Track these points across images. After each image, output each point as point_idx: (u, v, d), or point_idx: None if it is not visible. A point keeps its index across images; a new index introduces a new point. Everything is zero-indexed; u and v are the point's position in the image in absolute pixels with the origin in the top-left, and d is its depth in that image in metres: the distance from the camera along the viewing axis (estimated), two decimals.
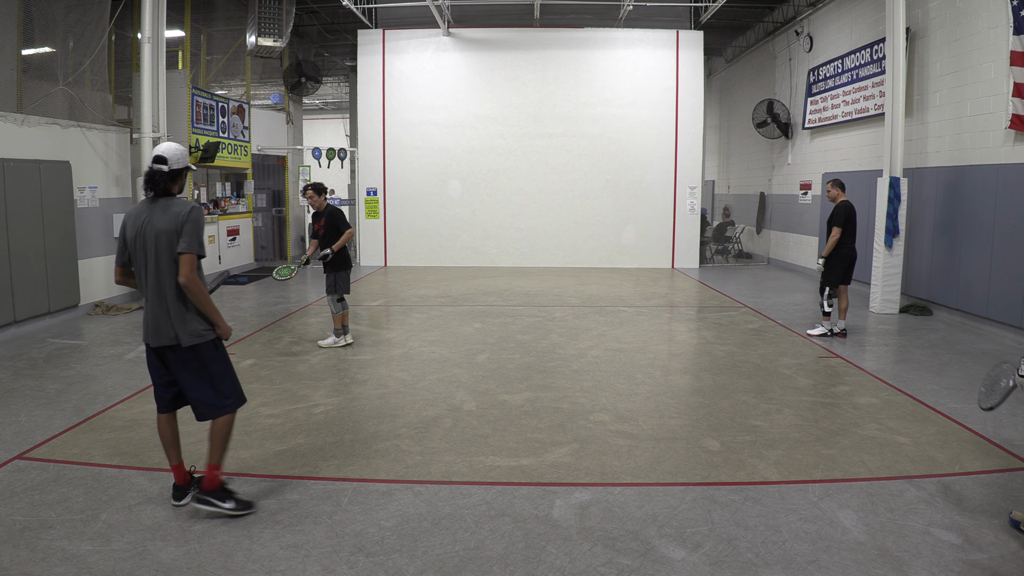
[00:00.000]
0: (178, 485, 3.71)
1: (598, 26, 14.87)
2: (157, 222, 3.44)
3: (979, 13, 8.39)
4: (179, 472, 3.71)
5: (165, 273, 3.46)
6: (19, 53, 9.05)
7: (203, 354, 3.55)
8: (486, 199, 14.98)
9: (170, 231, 3.43)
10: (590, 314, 9.41)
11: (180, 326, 3.47)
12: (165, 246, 3.43)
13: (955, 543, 3.35)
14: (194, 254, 3.44)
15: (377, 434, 4.83)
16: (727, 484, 4.03)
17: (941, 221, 9.30)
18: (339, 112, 25.66)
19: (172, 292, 3.46)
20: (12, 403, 5.47)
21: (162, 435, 3.68)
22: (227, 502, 3.59)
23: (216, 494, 3.59)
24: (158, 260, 3.44)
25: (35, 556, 3.22)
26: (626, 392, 5.84)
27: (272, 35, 12.20)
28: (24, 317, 8.17)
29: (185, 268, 3.41)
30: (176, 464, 3.71)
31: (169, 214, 3.46)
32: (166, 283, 3.46)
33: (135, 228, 3.49)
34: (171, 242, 3.43)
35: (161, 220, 3.44)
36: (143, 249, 3.47)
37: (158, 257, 3.44)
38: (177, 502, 3.70)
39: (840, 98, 12.14)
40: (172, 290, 3.46)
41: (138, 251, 3.49)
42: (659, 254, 14.97)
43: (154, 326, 3.49)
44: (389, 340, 7.96)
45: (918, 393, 5.80)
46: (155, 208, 3.48)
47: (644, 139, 14.74)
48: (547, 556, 3.25)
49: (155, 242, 3.43)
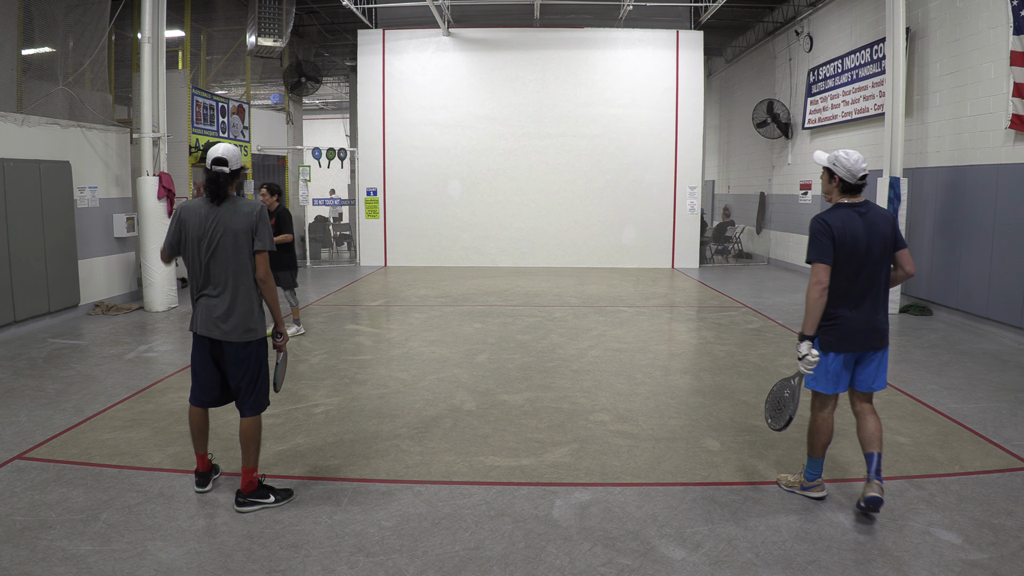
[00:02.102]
0: (202, 472, 3.85)
1: (598, 26, 14.87)
2: (230, 222, 3.58)
3: (979, 13, 8.39)
4: (203, 461, 3.85)
5: (241, 269, 3.60)
6: (19, 53, 9.05)
7: (261, 351, 3.73)
8: (486, 199, 14.98)
9: (246, 230, 3.59)
10: (590, 314, 9.41)
11: (247, 322, 3.62)
12: (244, 244, 3.60)
13: (955, 543, 3.35)
14: (268, 251, 3.68)
15: (377, 434, 4.83)
16: (727, 484, 4.03)
17: (941, 221, 9.30)
18: (339, 112, 25.66)
19: (246, 288, 3.62)
20: (12, 403, 5.47)
21: (195, 425, 3.79)
22: (269, 497, 3.72)
23: (257, 494, 3.71)
24: (233, 258, 3.59)
25: (35, 556, 3.21)
26: (626, 392, 5.84)
27: (272, 35, 12.20)
28: (24, 317, 8.17)
29: (264, 265, 3.65)
30: (202, 454, 3.84)
31: (241, 214, 3.61)
32: (240, 279, 3.61)
33: (201, 228, 3.58)
34: (248, 241, 3.60)
35: (234, 220, 3.58)
36: (211, 247, 3.58)
37: (233, 255, 3.58)
38: (201, 488, 3.85)
39: (840, 98, 12.14)
40: (246, 286, 3.62)
41: (203, 250, 3.59)
42: (659, 254, 14.97)
43: (221, 319, 3.59)
44: (389, 340, 7.96)
45: (918, 393, 5.79)
46: (222, 209, 3.60)
47: (644, 139, 14.74)
48: (547, 556, 3.25)
49: (232, 241, 3.57)
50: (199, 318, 3.64)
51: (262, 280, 3.65)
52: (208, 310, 3.61)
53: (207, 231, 3.57)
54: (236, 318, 3.60)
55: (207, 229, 3.57)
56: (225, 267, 3.59)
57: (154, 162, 9.61)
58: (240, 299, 3.61)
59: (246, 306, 3.62)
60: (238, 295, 3.60)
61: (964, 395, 5.75)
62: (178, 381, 6.08)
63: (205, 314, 3.62)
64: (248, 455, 3.70)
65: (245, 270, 3.62)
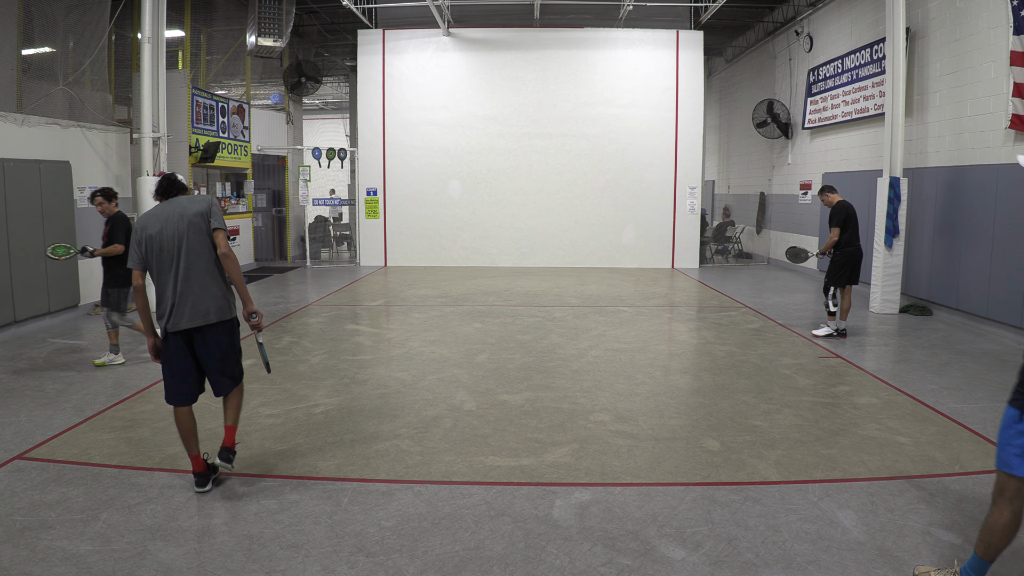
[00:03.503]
0: (201, 473, 3.89)
1: (598, 26, 14.87)
2: (185, 210, 3.78)
3: (979, 13, 8.39)
4: (198, 461, 3.90)
5: (202, 253, 3.77)
6: (19, 53, 9.05)
7: (233, 328, 3.95)
8: (486, 199, 14.98)
9: (202, 212, 3.80)
10: (590, 314, 9.41)
11: (219, 300, 3.82)
12: (200, 226, 3.77)
13: (955, 543, 3.35)
14: (224, 230, 3.87)
15: (377, 434, 4.83)
16: (727, 484, 4.03)
17: (941, 221, 9.30)
18: (339, 112, 25.66)
19: (212, 269, 3.81)
20: (12, 403, 5.47)
21: (184, 427, 3.88)
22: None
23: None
24: (191, 243, 3.75)
25: (35, 556, 3.21)
26: (626, 392, 5.84)
27: (272, 35, 12.20)
28: (24, 317, 8.17)
29: (222, 241, 3.81)
30: (195, 454, 3.90)
31: (194, 201, 3.85)
32: (204, 262, 3.78)
33: (159, 223, 3.76)
34: (205, 222, 3.79)
35: (190, 207, 3.81)
36: (173, 239, 3.74)
37: (191, 240, 3.75)
38: (201, 488, 3.88)
39: (840, 98, 12.14)
40: (210, 267, 3.80)
41: (165, 243, 3.74)
42: (659, 254, 14.97)
43: (191, 308, 3.75)
44: (389, 340, 7.96)
45: (918, 393, 5.79)
46: (175, 203, 3.84)
47: (644, 139, 14.74)
48: (547, 556, 3.25)
49: (188, 227, 3.74)
50: (185, 312, 3.76)
51: (224, 255, 3.79)
52: (192, 301, 3.77)
53: (165, 225, 3.76)
54: (212, 300, 3.80)
55: (165, 223, 3.76)
56: (189, 252, 3.76)
57: (154, 162, 9.60)
58: (209, 279, 3.80)
59: (220, 286, 3.84)
60: (204, 276, 3.79)
61: (964, 395, 5.75)
62: None
63: (190, 307, 3.76)
64: (234, 416, 4.00)
65: (210, 252, 3.81)
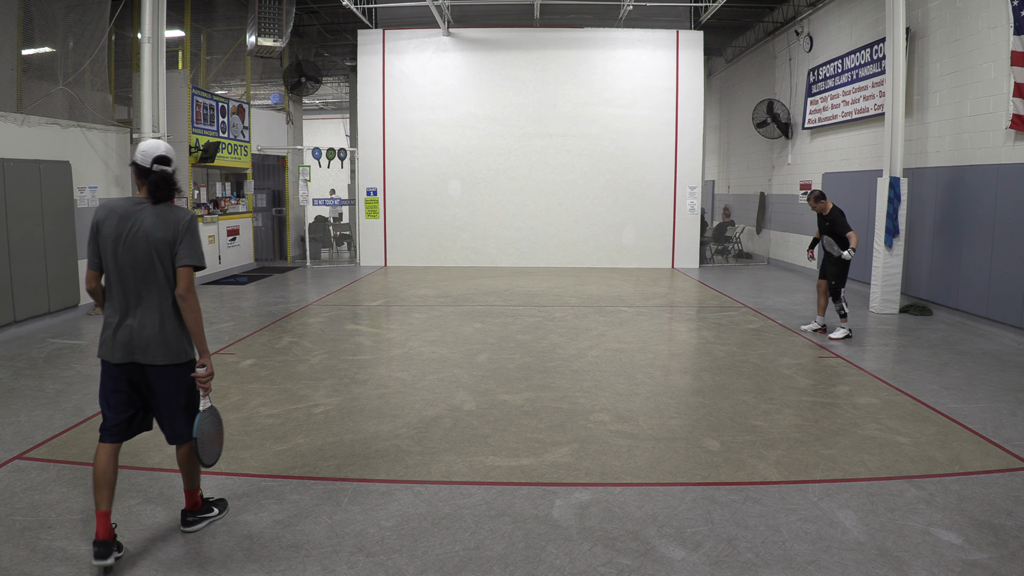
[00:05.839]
0: (105, 541, 3.05)
1: (598, 26, 14.87)
2: (152, 229, 3.15)
3: (979, 13, 8.39)
4: (106, 523, 3.09)
5: (161, 284, 3.20)
6: (19, 53, 9.05)
7: (186, 375, 3.29)
8: (486, 199, 14.98)
9: (168, 240, 3.17)
10: (590, 314, 9.41)
11: (168, 342, 3.20)
12: (166, 255, 3.18)
13: (955, 543, 3.35)
14: (193, 267, 3.21)
15: (377, 434, 4.83)
16: (727, 484, 4.03)
17: (941, 221, 9.30)
18: (339, 112, 25.66)
19: (168, 305, 3.21)
20: (12, 403, 5.47)
21: (102, 471, 3.17)
22: (212, 511, 3.57)
23: (203, 510, 3.53)
24: (151, 270, 3.17)
25: (35, 556, 3.21)
26: (626, 392, 5.84)
27: (272, 35, 12.20)
28: (24, 317, 8.17)
29: (184, 281, 3.18)
30: (105, 511, 3.11)
31: (165, 221, 3.18)
32: (160, 296, 3.20)
33: (120, 229, 3.15)
34: (169, 252, 3.18)
35: (157, 227, 3.16)
36: (130, 254, 3.15)
37: (152, 266, 3.17)
38: (103, 561, 3.02)
39: (840, 98, 12.14)
40: (168, 303, 3.21)
41: (121, 255, 3.15)
42: (659, 254, 14.97)
43: (140, 342, 3.17)
44: (389, 340, 7.96)
45: (918, 393, 5.79)
46: (147, 212, 3.19)
47: (644, 139, 14.74)
48: (547, 556, 3.25)
49: (152, 250, 3.15)
50: (117, 343, 3.17)
51: (181, 297, 3.17)
52: (119, 328, 3.18)
53: (126, 234, 3.15)
54: (161, 338, 3.18)
55: (127, 232, 3.15)
56: (147, 280, 3.17)
57: None
58: (165, 316, 3.20)
59: (171, 324, 3.21)
60: (160, 312, 3.20)
61: (964, 395, 5.75)
62: None
63: (123, 338, 3.17)
64: (192, 477, 3.47)
65: (166, 287, 3.20)
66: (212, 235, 12.79)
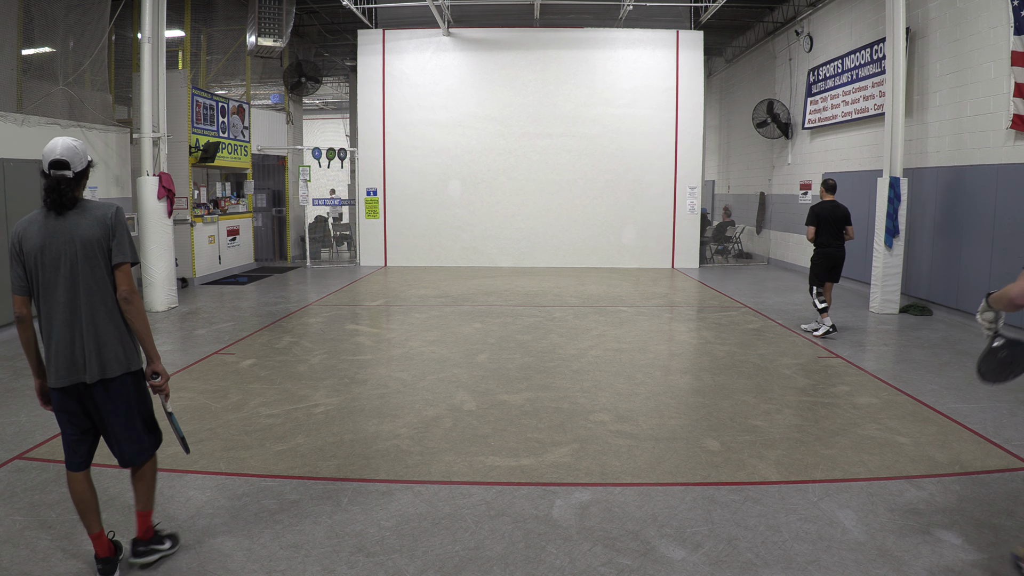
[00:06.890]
0: (107, 558, 3.04)
1: (598, 26, 14.87)
2: (79, 230, 2.89)
3: (979, 13, 8.39)
4: (102, 542, 3.04)
5: (101, 288, 2.94)
6: (19, 53, 9.05)
7: (136, 385, 3.07)
8: (486, 199, 14.98)
9: (100, 238, 2.92)
10: (590, 314, 9.41)
11: (115, 352, 2.97)
12: (97, 256, 2.92)
13: (955, 543, 3.35)
14: (130, 263, 2.98)
15: (377, 434, 4.83)
16: (727, 484, 4.03)
17: (941, 221, 9.30)
18: (339, 112, 25.65)
19: (104, 312, 2.95)
20: (12, 403, 5.47)
21: (80, 498, 3.03)
22: (165, 543, 3.23)
23: (155, 540, 3.21)
24: (88, 274, 2.91)
25: (35, 556, 3.21)
26: (626, 392, 5.84)
27: (272, 35, 12.20)
28: None
29: (126, 281, 2.96)
30: (97, 533, 3.04)
31: (92, 218, 2.92)
32: (96, 302, 2.93)
33: (43, 237, 2.89)
34: (102, 251, 2.93)
35: (84, 228, 2.90)
36: (54, 265, 2.88)
37: (82, 272, 2.90)
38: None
39: (840, 98, 12.14)
40: (104, 309, 2.95)
41: (46, 269, 2.89)
42: (659, 254, 14.97)
43: (80, 360, 2.92)
44: (389, 340, 7.96)
45: (918, 393, 5.80)
46: (68, 219, 2.91)
47: (644, 139, 14.74)
48: (547, 556, 3.25)
49: (80, 254, 2.89)
50: (59, 364, 2.91)
51: (125, 299, 2.94)
52: (57, 349, 2.91)
53: (46, 245, 2.88)
54: (99, 352, 2.93)
55: (45, 243, 2.88)
56: (79, 289, 2.90)
57: (154, 162, 9.61)
58: (101, 325, 2.94)
59: (110, 332, 2.96)
60: (96, 321, 2.93)
61: (964, 395, 5.75)
62: (178, 381, 6.08)
63: (65, 355, 2.91)
64: (146, 498, 3.19)
65: (105, 290, 2.95)
66: (212, 235, 12.79)
